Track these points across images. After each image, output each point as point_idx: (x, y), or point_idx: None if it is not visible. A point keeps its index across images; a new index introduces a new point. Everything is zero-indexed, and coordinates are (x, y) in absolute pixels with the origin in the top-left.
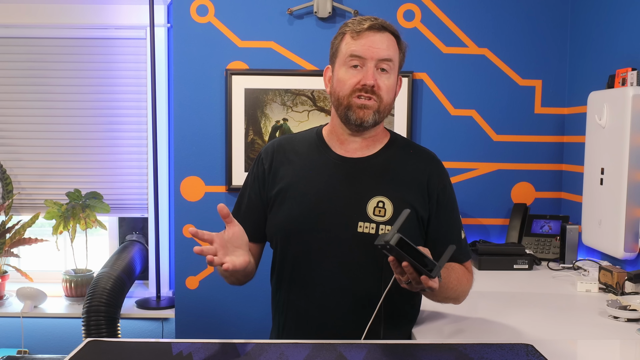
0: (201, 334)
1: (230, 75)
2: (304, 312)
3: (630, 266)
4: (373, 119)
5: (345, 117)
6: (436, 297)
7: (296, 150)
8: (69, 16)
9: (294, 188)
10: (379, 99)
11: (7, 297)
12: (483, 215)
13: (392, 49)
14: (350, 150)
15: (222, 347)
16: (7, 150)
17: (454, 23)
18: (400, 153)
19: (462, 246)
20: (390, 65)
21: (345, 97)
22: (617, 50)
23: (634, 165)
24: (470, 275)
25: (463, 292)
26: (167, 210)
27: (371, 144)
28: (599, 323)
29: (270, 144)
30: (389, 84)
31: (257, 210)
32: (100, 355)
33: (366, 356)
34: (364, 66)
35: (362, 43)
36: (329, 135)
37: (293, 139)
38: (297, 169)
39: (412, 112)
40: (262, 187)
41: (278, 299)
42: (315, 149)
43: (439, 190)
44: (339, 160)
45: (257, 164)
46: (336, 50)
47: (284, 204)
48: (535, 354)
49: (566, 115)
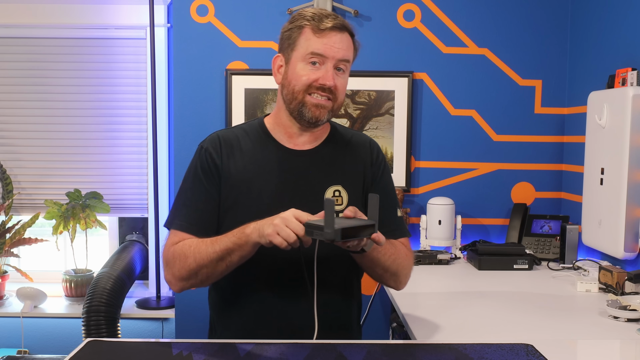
0: (201, 334)
1: (230, 75)
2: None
3: (630, 266)
4: (327, 117)
5: (298, 113)
6: (375, 267)
7: (241, 145)
8: (69, 16)
9: (249, 186)
10: (335, 98)
11: (7, 297)
12: (483, 215)
13: (350, 49)
14: (299, 143)
15: (222, 347)
16: (7, 150)
17: (454, 23)
18: (343, 141)
19: (397, 222)
20: (346, 65)
21: (300, 92)
22: (617, 50)
23: (634, 165)
24: (408, 252)
25: (402, 266)
26: (167, 210)
27: (319, 137)
28: (599, 323)
29: (214, 138)
30: (344, 83)
31: (215, 204)
32: (100, 355)
33: (366, 356)
34: (323, 64)
35: (324, 42)
36: (274, 128)
37: (235, 133)
38: (247, 165)
39: (412, 112)
40: (215, 182)
41: (234, 297)
42: (261, 143)
43: (374, 170)
44: (288, 153)
45: (205, 157)
46: (293, 42)
47: (240, 202)
48: (535, 354)
49: (566, 115)
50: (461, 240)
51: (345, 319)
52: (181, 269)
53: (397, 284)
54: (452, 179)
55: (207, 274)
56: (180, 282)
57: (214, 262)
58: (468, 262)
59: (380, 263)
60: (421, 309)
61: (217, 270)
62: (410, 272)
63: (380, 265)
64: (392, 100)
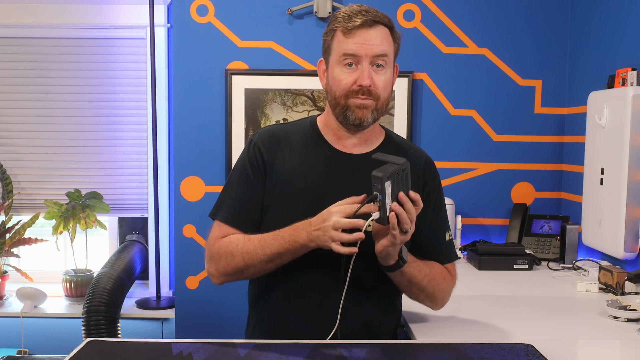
0: (201, 334)
1: (230, 75)
2: (304, 310)
3: (630, 266)
4: (372, 117)
5: (343, 117)
6: (412, 287)
7: (291, 142)
8: (69, 16)
9: (293, 184)
10: (376, 97)
11: (7, 297)
12: (483, 215)
13: (386, 43)
14: (348, 146)
15: (222, 347)
16: (7, 150)
17: (454, 23)
18: (397, 152)
19: (445, 247)
20: (385, 60)
21: (342, 97)
22: (617, 50)
23: (634, 165)
24: (449, 277)
25: (438, 289)
26: (167, 210)
27: (368, 140)
28: (599, 323)
29: (263, 133)
30: (385, 79)
31: (260, 199)
32: (100, 355)
33: (366, 356)
34: (358, 64)
35: (354, 41)
36: (324, 128)
37: (286, 129)
38: (295, 164)
39: (412, 112)
40: (261, 178)
41: (267, 297)
42: (311, 141)
43: (429, 189)
44: (337, 155)
45: (253, 152)
46: (328, 47)
47: (283, 200)
48: (535, 354)
49: (566, 115)
50: (461, 240)
51: (377, 322)
52: (227, 266)
53: (433, 305)
54: (452, 179)
55: (254, 272)
56: (223, 277)
57: (263, 263)
58: (468, 262)
59: (416, 282)
60: (421, 309)
61: (265, 270)
62: (449, 296)
63: (416, 284)
64: (392, 100)
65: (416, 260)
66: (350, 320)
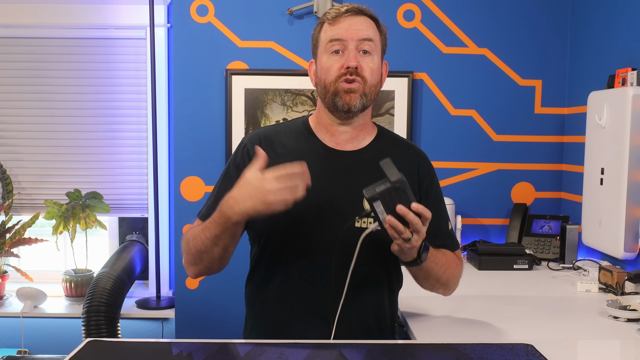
0: (201, 334)
1: (230, 75)
2: (299, 308)
3: (630, 266)
4: (360, 102)
5: (332, 104)
6: (429, 278)
7: (283, 142)
8: (69, 16)
9: None
10: (363, 80)
11: (7, 297)
12: (483, 215)
13: (371, 29)
14: (341, 142)
15: (222, 347)
16: (7, 150)
17: (454, 23)
18: (389, 147)
19: (450, 237)
20: (371, 45)
21: (331, 83)
22: (617, 50)
23: (634, 165)
24: (459, 262)
25: (452, 276)
26: (167, 210)
27: (360, 135)
28: (599, 323)
29: (254, 135)
30: (372, 65)
31: None
32: (100, 355)
33: (366, 356)
34: (345, 49)
35: (340, 27)
36: (316, 126)
37: (277, 130)
38: (286, 161)
39: (412, 112)
40: None
41: (264, 298)
42: (304, 140)
43: (427, 183)
44: (330, 152)
45: (241, 154)
46: (317, 40)
47: None
48: (535, 354)
49: (566, 115)
50: (461, 240)
51: (373, 321)
52: (187, 255)
53: (446, 292)
54: (452, 178)
55: (210, 259)
56: (191, 267)
57: (210, 247)
58: (468, 262)
59: (434, 273)
60: (421, 309)
61: (219, 254)
62: (459, 280)
63: (433, 275)
64: (392, 100)
65: (433, 252)
66: (348, 319)
